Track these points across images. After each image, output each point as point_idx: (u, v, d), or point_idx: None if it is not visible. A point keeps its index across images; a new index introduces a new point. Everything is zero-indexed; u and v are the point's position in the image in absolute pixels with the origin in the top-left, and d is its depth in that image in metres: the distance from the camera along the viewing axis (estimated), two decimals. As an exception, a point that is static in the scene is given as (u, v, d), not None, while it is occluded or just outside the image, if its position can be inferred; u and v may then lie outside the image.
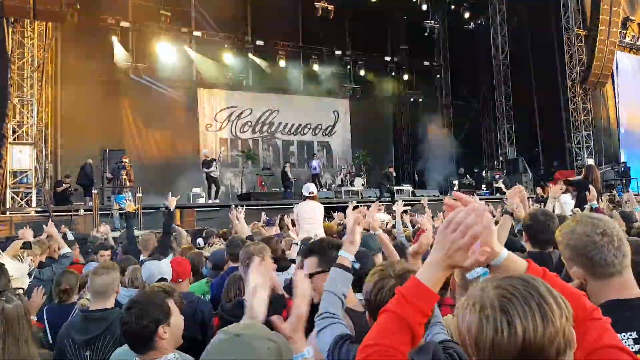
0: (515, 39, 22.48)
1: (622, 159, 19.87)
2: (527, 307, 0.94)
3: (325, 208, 8.01)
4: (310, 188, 7.45)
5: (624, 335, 1.47)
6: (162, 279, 3.24)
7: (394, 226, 6.78)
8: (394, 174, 18.31)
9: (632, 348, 1.44)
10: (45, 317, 3.35)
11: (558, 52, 20.20)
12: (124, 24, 17.80)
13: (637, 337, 1.48)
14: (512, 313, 0.94)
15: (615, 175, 18.96)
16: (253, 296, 1.67)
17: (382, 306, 1.56)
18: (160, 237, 5.59)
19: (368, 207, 3.68)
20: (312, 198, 7.27)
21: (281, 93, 21.94)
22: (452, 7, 22.47)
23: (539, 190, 12.64)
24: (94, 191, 13.03)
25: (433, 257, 1.22)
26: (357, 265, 2.04)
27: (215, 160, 16.09)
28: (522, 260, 1.30)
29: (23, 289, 3.01)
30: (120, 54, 17.94)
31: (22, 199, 13.03)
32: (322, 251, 2.23)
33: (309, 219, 6.95)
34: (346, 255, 2.02)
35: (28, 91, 13.73)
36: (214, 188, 15.81)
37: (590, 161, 18.55)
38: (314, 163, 18.95)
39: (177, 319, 2.25)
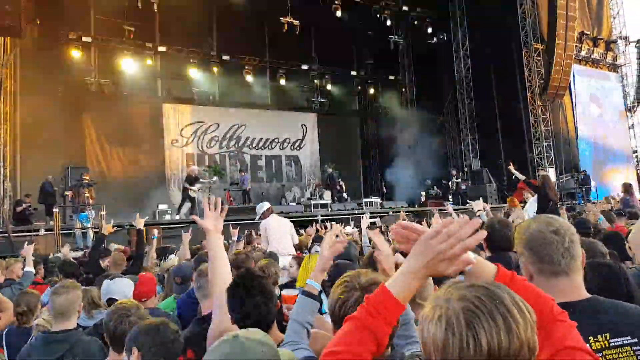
0: (477, 52, 23.11)
1: (581, 168, 20.52)
2: (493, 322, 0.94)
3: (294, 222, 8.00)
4: (265, 205, 7.55)
5: None
6: (112, 300, 3.15)
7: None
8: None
9: None
10: (4, 340, 3.21)
11: (518, 65, 20.84)
12: (85, 38, 17.46)
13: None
14: (477, 329, 0.94)
15: (575, 184, 19.55)
16: None
17: (344, 320, 1.55)
18: (135, 255, 5.51)
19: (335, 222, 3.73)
20: (271, 212, 7.22)
21: (248, 108, 21.88)
22: (415, 22, 22.92)
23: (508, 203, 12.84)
24: (55, 210, 12.62)
25: (410, 266, 1.19)
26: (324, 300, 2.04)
27: (199, 180, 15.75)
28: (491, 264, 1.30)
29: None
30: (82, 69, 17.59)
31: (-21, 220, 12.54)
32: None
33: (278, 234, 6.90)
34: (314, 285, 1.99)
35: (-15, 108, 13.31)
36: (187, 205, 15.34)
37: (551, 171, 19.13)
38: (246, 177, 18.59)
39: None
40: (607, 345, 1.51)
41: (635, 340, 1.51)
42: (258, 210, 7.68)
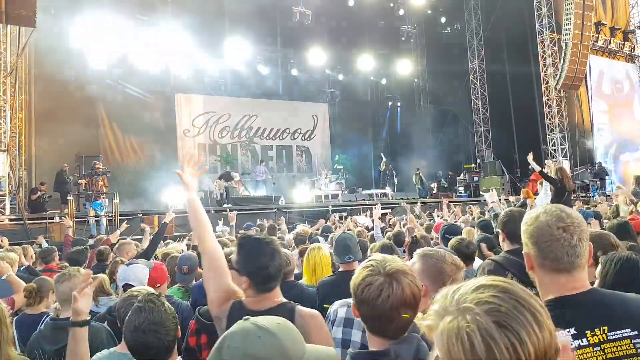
0: (491, 43, 22.85)
1: (596, 160, 20.27)
2: (524, 318, 0.86)
3: (306, 213, 8.00)
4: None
5: (562, 333, 1.43)
6: (129, 285, 3.18)
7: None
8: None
9: (571, 344, 1.43)
10: (14, 326, 3.26)
11: (532, 55, 20.59)
12: (99, 28, 17.48)
13: (575, 332, 1.46)
14: (517, 328, 0.85)
15: (590, 176, 19.33)
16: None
17: (367, 302, 1.57)
18: (149, 245, 5.66)
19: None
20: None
21: (259, 98, 21.89)
22: (429, 12, 22.69)
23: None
24: (70, 198, 12.78)
25: None
26: None
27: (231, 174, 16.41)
28: None
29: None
30: (95, 58, 17.69)
31: (-5, 207, 12.74)
32: None
33: None
34: None
35: (1, 97, 13.44)
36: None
37: (566, 163, 18.93)
38: (261, 168, 18.61)
39: None
40: (605, 339, 1.46)
41: (636, 332, 1.45)
42: None
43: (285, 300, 2.19)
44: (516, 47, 21.55)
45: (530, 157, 8.62)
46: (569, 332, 1.46)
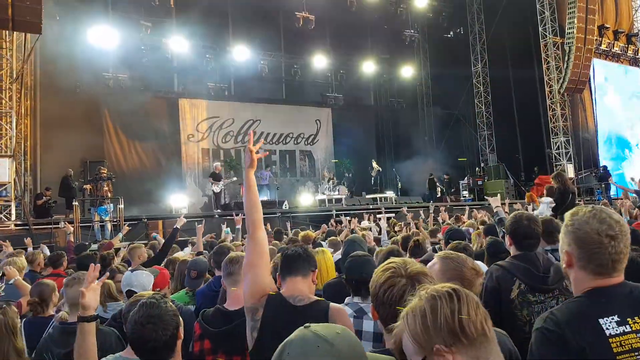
0: (494, 46, 22.84)
1: (601, 163, 20.21)
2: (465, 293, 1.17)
3: (310, 217, 8.01)
4: None
5: (607, 319, 1.51)
6: (131, 291, 3.19)
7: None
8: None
9: (615, 330, 1.49)
10: (23, 330, 3.28)
11: (536, 59, 20.56)
12: (104, 35, 17.59)
13: (619, 319, 1.51)
14: (460, 295, 1.14)
15: (594, 180, 19.28)
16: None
17: (388, 304, 1.59)
18: (160, 250, 5.77)
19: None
20: None
21: (263, 102, 21.95)
22: (431, 15, 22.72)
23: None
24: (75, 203, 12.81)
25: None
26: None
27: (222, 178, 16.24)
28: None
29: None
30: (100, 64, 17.76)
31: (0, 212, 12.77)
32: None
33: None
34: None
35: (7, 103, 13.50)
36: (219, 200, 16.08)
37: (570, 167, 18.90)
38: (265, 173, 18.58)
39: None
40: None
41: None
42: None
43: (318, 297, 2.29)
44: (519, 50, 21.54)
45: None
46: (612, 319, 1.52)
